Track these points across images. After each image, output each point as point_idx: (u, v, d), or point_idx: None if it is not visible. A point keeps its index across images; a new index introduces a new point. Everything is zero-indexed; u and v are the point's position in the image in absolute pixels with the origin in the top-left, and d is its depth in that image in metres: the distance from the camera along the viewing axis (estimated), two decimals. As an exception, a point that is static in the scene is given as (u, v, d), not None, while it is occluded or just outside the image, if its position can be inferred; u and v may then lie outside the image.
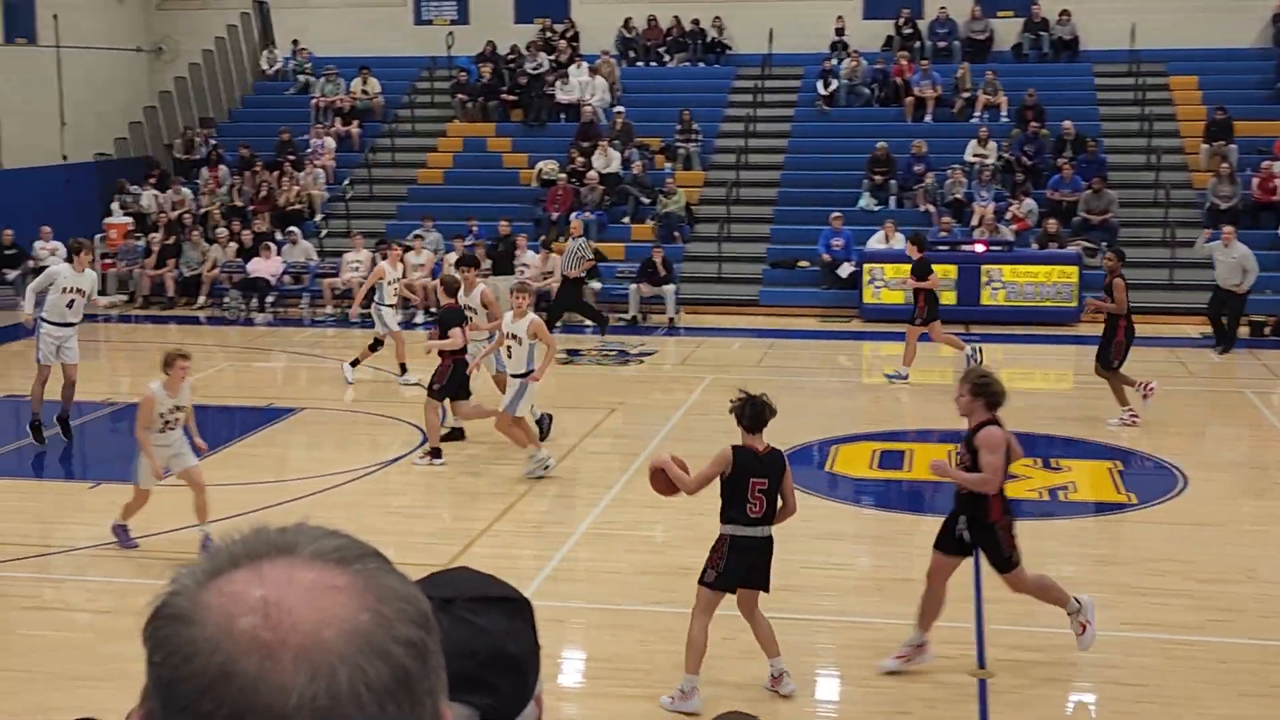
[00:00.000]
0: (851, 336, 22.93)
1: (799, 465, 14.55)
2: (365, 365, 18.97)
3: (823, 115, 28.97)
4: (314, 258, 25.47)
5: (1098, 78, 29.00)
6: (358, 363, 18.65)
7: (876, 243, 24.32)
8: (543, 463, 14.07)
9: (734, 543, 8.66)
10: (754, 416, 8.70)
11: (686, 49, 31.09)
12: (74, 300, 15.53)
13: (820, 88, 29.04)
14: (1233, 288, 20.87)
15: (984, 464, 9.00)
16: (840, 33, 30.32)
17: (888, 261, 23.68)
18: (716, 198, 26.80)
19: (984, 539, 9.24)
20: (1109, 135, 27.31)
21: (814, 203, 26.28)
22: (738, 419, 8.74)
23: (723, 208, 26.39)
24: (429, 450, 14.79)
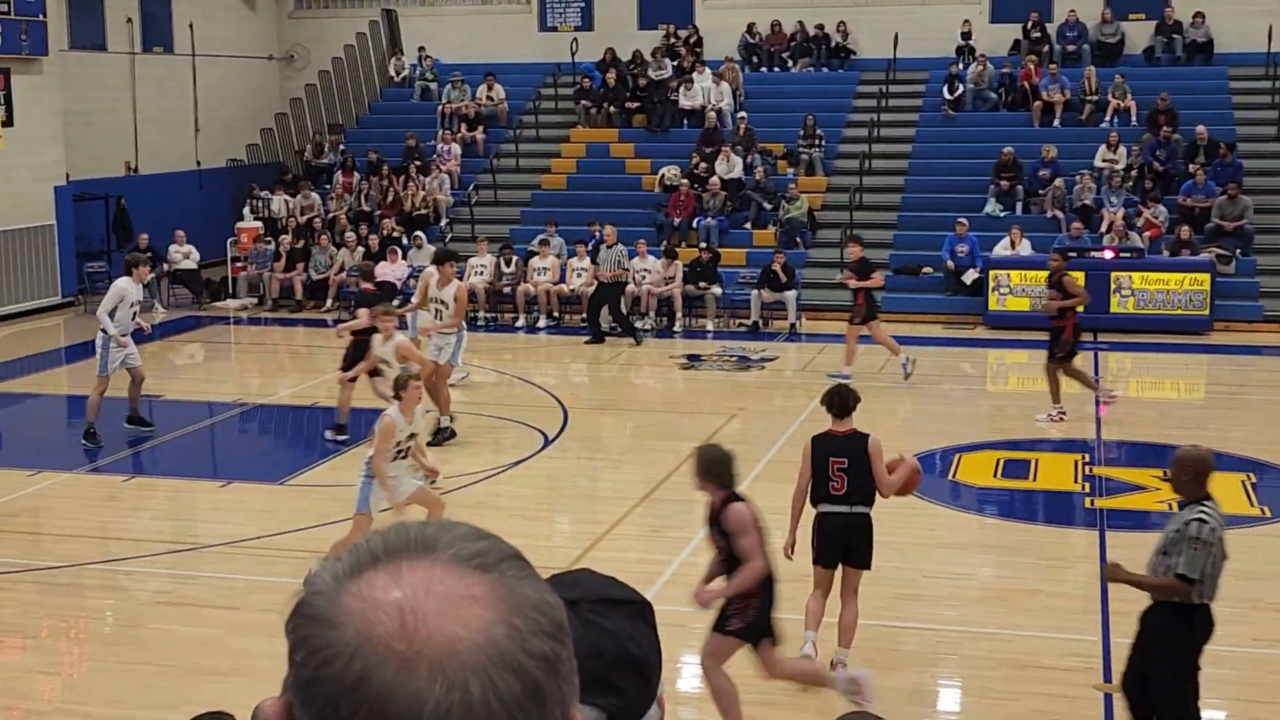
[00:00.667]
0: (976, 344, 22.66)
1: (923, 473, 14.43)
2: (482, 368, 19.14)
3: (948, 120, 28.68)
4: (440, 262, 25.73)
5: (1233, 81, 28.37)
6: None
7: (1002, 249, 24.02)
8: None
9: (820, 519, 9.30)
10: (840, 404, 9.45)
11: (810, 54, 30.96)
12: (135, 312, 16.17)
13: (946, 92, 28.76)
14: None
15: (741, 550, 8.07)
16: (966, 36, 30.00)
17: (1013, 268, 23.38)
18: (839, 203, 26.65)
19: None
20: (1244, 140, 26.70)
21: (938, 208, 26.02)
22: (827, 407, 9.54)
23: (845, 213, 26.23)
24: (337, 426, 15.87)
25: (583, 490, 14.62)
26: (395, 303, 17.65)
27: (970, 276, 23.93)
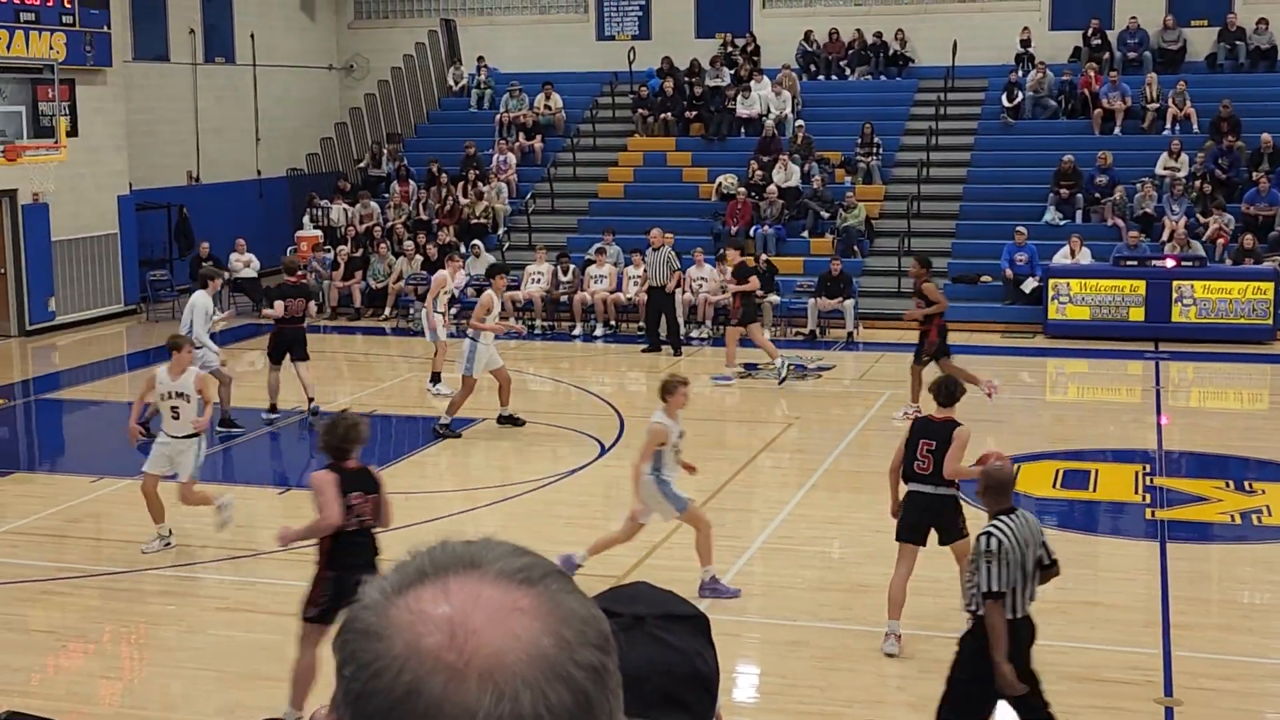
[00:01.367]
0: (1035, 353, 22.49)
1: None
2: (539, 376, 19.17)
3: (1007, 128, 28.51)
4: (497, 271, 25.83)
5: (1297, 88, 28.04)
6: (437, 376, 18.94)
7: (1062, 258, 23.84)
8: (226, 515, 12.80)
9: (908, 496, 9.91)
10: (946, 394, 10.19)
11: (868, 62, 30.86)
12: (214, 321, 17.09)
13: (1005, 100, 28.58)
14: None
15: (316, 509, 8.65)
16: (1026, 44, 29.80)
17: (1073, 277, 23.20)
18: (897, 212, 26.54)
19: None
20: (1308, 147, 26.35)
21: (997, 217, 25.87)
22: (934, 395, 10.25)
23: (903, 222, 26.11)
24: (271, 406, 17.33)
25: (639, 499, 14.60)
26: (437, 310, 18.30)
27: (1029, 285, 23.77)
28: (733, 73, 30.23)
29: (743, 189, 26.75)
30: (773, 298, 23.54)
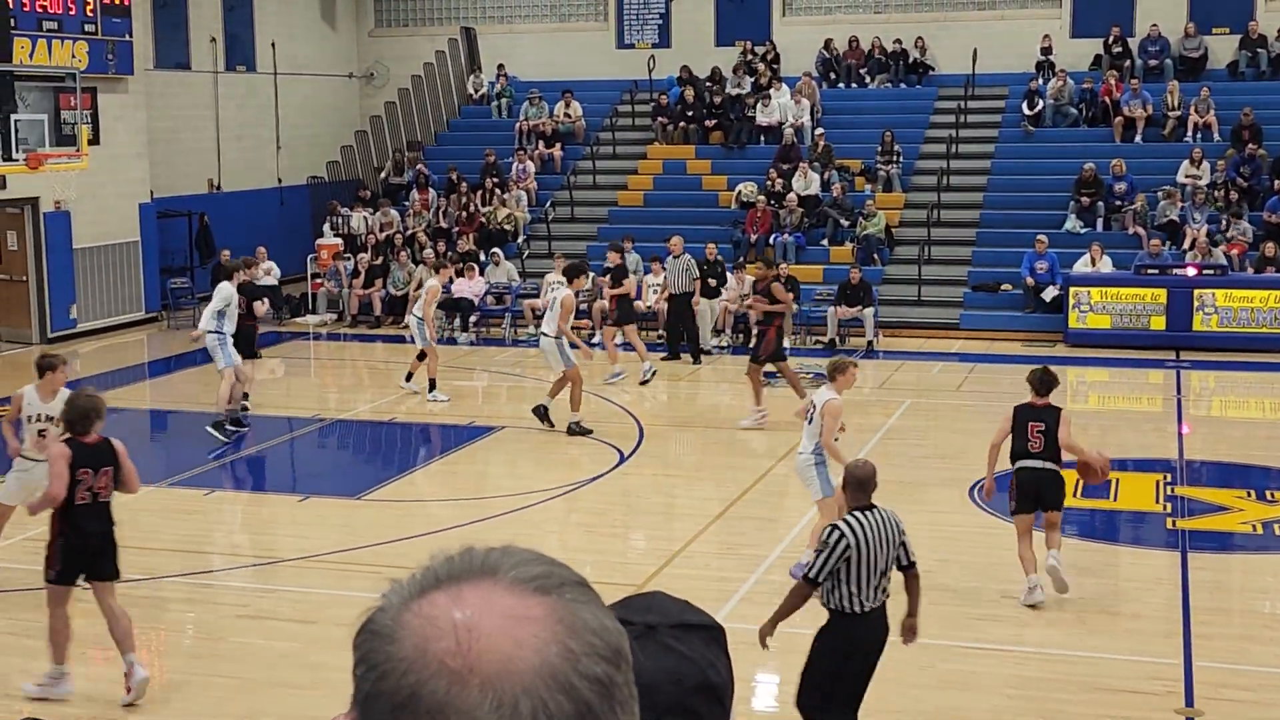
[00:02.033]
0: (1055, 361, 22.35)
1: (999, 491, 14.29)
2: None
3: (1028, 136, 28.46)
4: (516, 279, 25.89)
5: (1319, 96, 27.94)
6: (432, 383, 19.13)
7: (1083, 266, 23.78)
8: None
9: (1019, 472, 11.06)
10: (1045, 385, 11.34)
11: (888, 70, 30.83)
12: (238, 314, 17.44)
13: (1025, 108, 28.54)
14: None
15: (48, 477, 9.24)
16: (1046, 52, 29.75)
17: (1094, 285, 23.13)
18: (917, 220, 26.51)
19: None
20: (1331, 156, 26.27)
21: (1018, 225, 25.82)
22: (1032, 386, 11.37)
23: (923, 230, 26.08)
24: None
25: (658, 507, 14.62)
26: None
27: (1050, 293, 23.71)
28: (753, 81, 30.24)
29: (762, 197, 26.74)
30: (793, 306, 23.48)
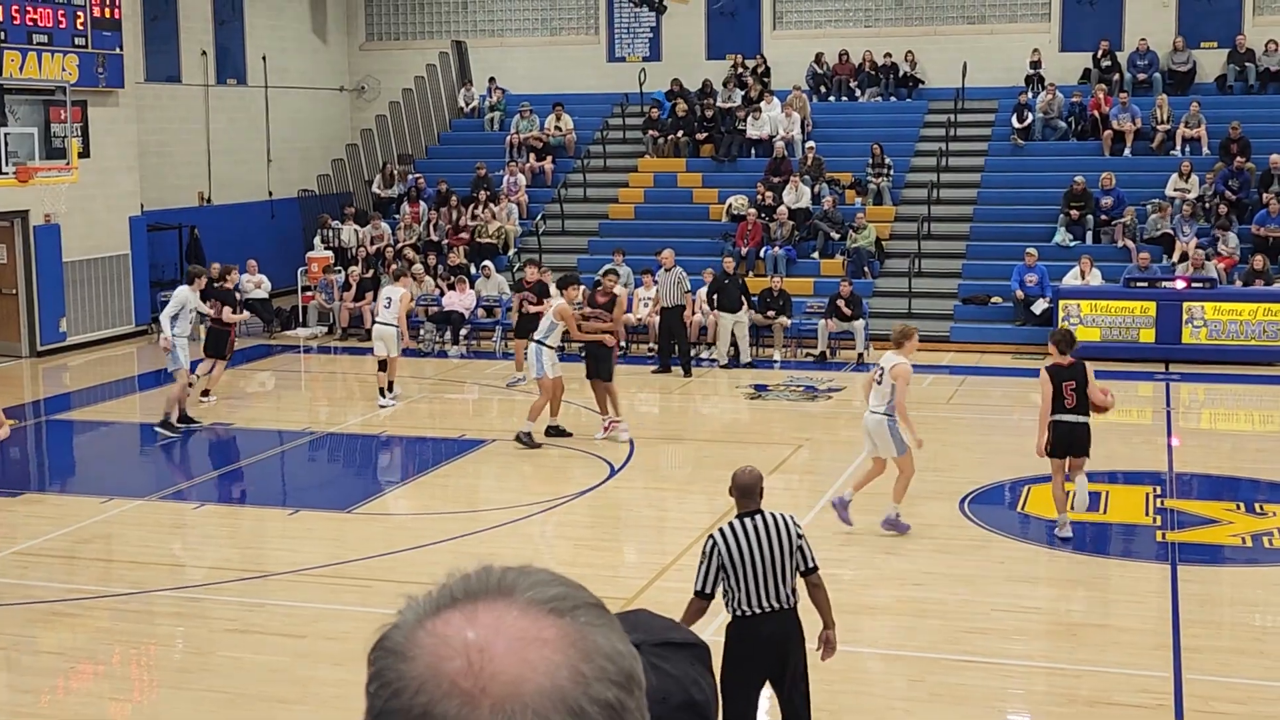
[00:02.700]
0: (1045, 374, 22.45)
1: (990, 504, 14.34)
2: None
3: (1017, 149, 28.53)
4: (506, 292, 25.87)
5: (1307, 109, 28.04)
6: (391, 387, 19.91)
7: (1072, 279, 23.83)
8: None
9: (1056, 425, 12.75)
10: (1068, 342, 13.01)
11: (878, 83, 30.91)
12: (194, 319, 18.57)
13: (1015, 121, 28.61)
14: None
15: None
16: (1036, 65, 29.83)
17: (1084, 298, 23.18)
18: (907, 233, 26.55)
19: None
20: (1319, 169, 26.34)
21: (1007, 238, 25.89)
22: (1056, 345, 12.93)
23: (913, 243, 26.13)
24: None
25: (649, 520, 14.62)
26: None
27: (1040, 306, 23.77)
28: (743, 94, 30.30)
29: (753, 210, 26.78)
30: (784, 319, 23.54)
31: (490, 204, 28.27)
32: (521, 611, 1.21)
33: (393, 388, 19.97)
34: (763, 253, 25.85)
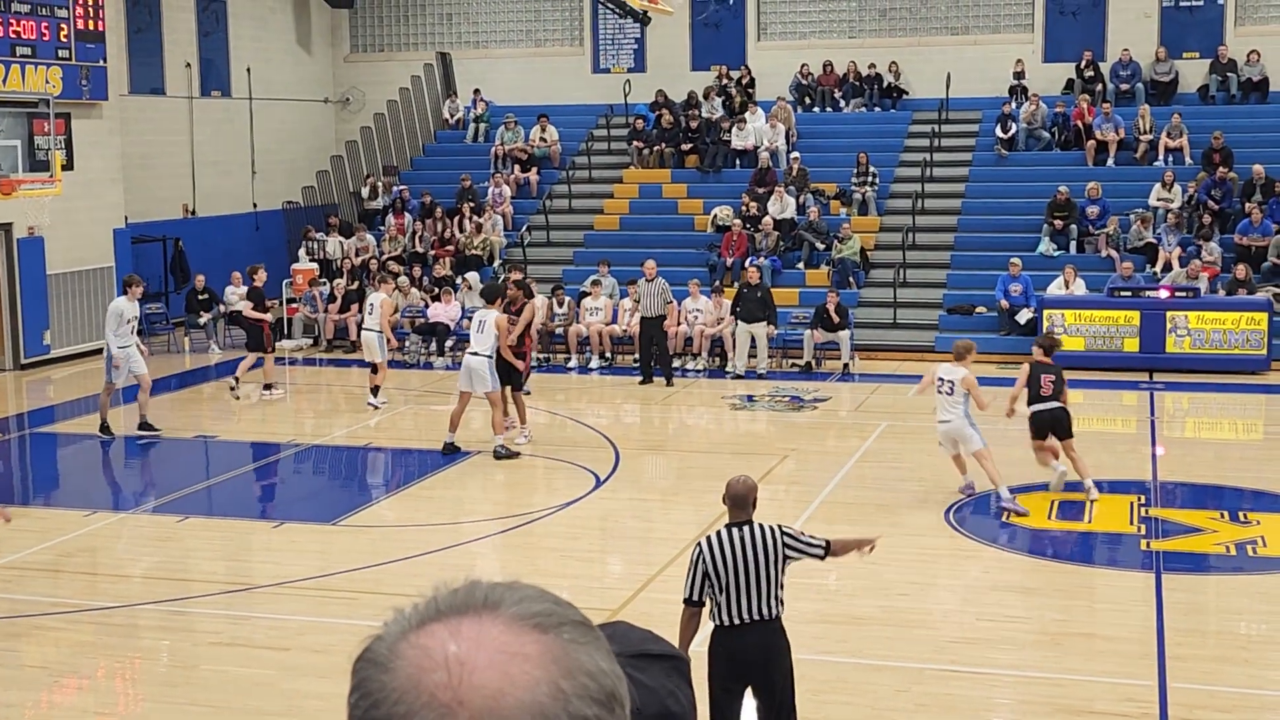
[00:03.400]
0: (1030, 384, 22.48)
1: (975, 514, 14.36)
2: (535, 408, 19.15)
3: (1001, 159, 28.61)
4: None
5: (1289, 119, 28.17)
6: (375, 392, 20.38)
7: (1056, 288, 23.89)
8: None
9: (1035, 415, 14.46)
10: (1052, 344, 15.11)
11: (863, 94, 30.98)
12: (134, 327, 18.86)
13: (999, 131, 28.70)
14: None
15: None
16: (1019, 76, 29.94)
17: (1068, 308, 23.24)
18: (892, 243, 26.60)
19: None
20: (1301, 178, 26.46)
21: (992, 248, 25.96)
22: (1042, 348, 14.89)
23: (898, 253, 26.18)
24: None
25: (635, 531, 14.61)
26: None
27: (1024, 316, 23.81)
28: (727, 105, 30.34)
29: (738, 221, 26.80)
30: (769, 329, 23.54)
31: (475, 216, 28.27)
32: (505, 626, 1.21)
33: (377, 393, 20.35)
34: (748, 263, 25.85)
